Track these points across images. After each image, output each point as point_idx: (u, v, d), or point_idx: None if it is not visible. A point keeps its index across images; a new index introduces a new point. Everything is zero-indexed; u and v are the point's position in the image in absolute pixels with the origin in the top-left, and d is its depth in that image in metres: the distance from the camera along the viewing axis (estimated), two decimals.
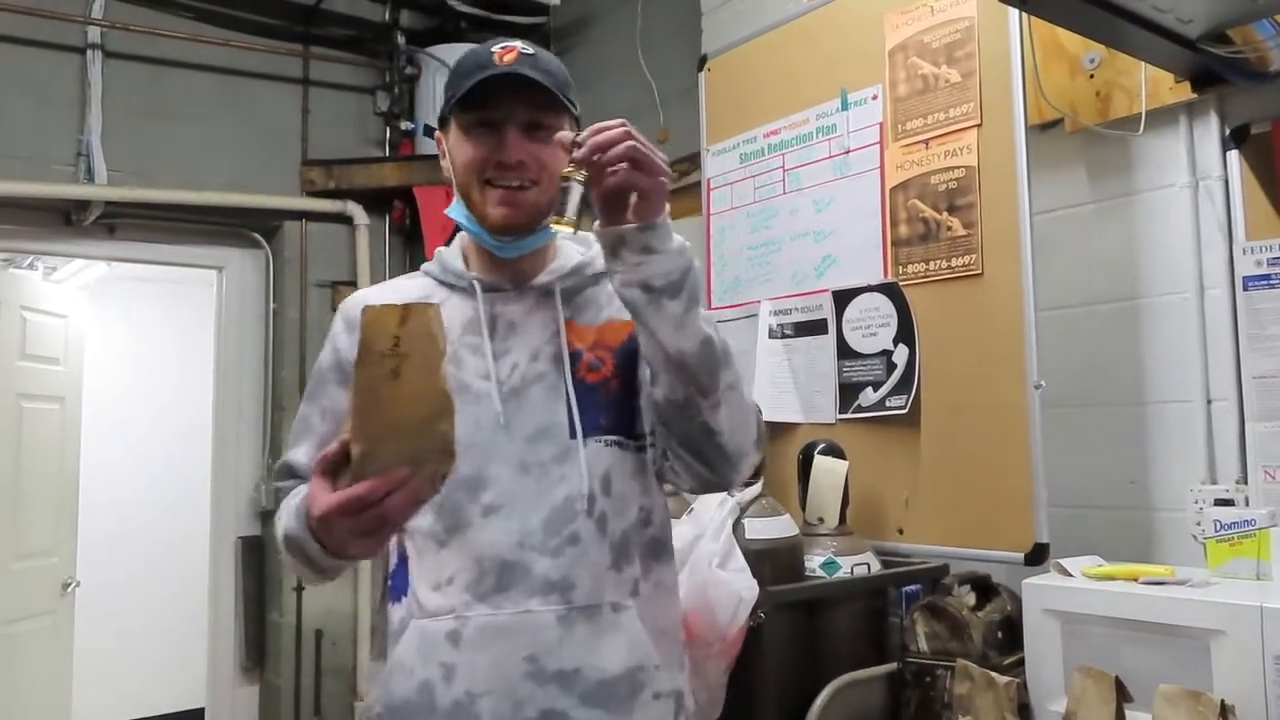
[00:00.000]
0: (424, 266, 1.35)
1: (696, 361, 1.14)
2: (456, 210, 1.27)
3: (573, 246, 1.33)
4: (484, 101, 1.19)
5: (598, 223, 1.10)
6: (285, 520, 1.17)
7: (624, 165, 1.06)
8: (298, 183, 3.66)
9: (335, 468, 0.97)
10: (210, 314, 3.77)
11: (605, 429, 1.20)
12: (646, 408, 1.23)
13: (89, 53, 3.32)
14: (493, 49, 1.21)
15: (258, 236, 3.70)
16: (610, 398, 1.23)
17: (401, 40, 3.73)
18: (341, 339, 1.30)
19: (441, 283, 1.30)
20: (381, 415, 0.91)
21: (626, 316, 1.18)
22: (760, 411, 1.29)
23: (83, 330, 4.15)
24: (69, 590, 3.94)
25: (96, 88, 3.31)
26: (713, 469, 1.20)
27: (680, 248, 1.14)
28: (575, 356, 1.23)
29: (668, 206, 1.12)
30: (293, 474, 1.29)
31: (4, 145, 3.16)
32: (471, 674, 1.14)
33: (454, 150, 1.25)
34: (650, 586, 1.23)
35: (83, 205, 3.29)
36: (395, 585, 1.22)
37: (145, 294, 5.41)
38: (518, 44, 1.22)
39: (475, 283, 1.26)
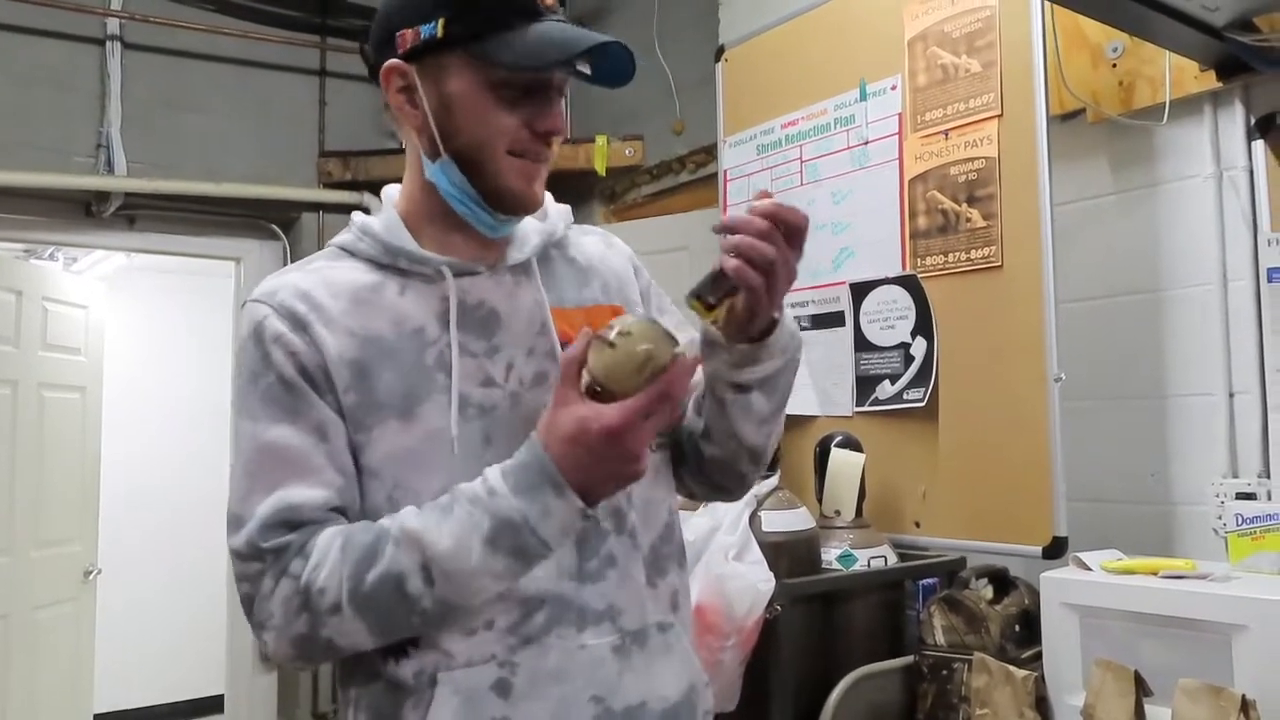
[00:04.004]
0: (343, 242, 1.06)
1: (763, 450, 1.10)
2: (442, 177, 1.01)
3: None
4: (534, 60, 0.95)
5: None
6: (444, 532, 0.89)
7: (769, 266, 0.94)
8: (315, 174, 3.67)
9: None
10: (228, 304, 3.79)
11: None
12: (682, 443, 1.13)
13: (109, 44, 3.34)
14: None
15: (275, 228, 3.72)
16: None
17: None
18: (292, 341, 0.97)
19: (385, 267, 1.03)
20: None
21: (607, 300, 1.11)
22: None
23: (103, 320, 4.18)
24: (90, 578, 3.98)
25: (116, 80, 3.33)
26: (731, 495, 1.20)
27: (791, 342, 1.05)
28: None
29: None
30: (300, 520, 0.93)
31: (25, 137, 3.18)
32: None
33: (465, 104, 0.98)
34: (685, 598, 1.13)
35: (103, 196, 3.31)
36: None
37: (164, 284, 5.45)
38: None
39: (444, 268, 1.02)
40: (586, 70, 0.99)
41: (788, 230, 0.95)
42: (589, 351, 0.89)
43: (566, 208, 1.16)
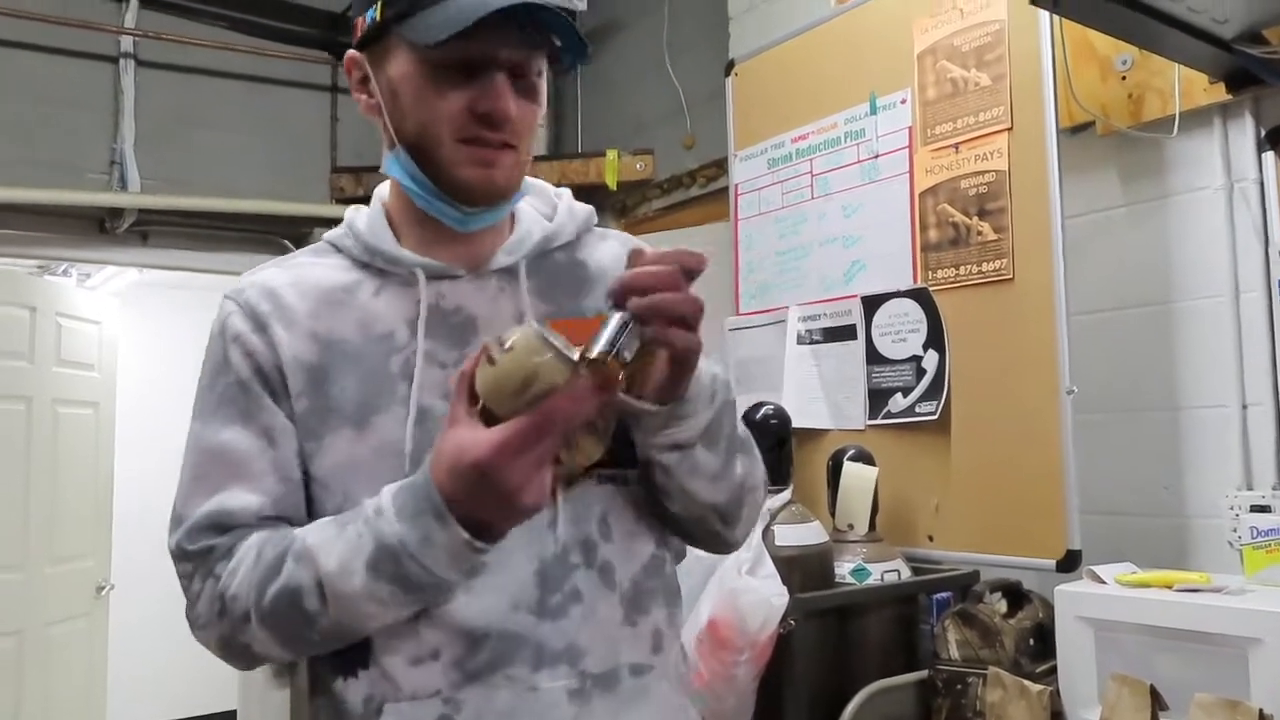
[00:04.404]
0: (332, 237, 1.03)
1: (728, 506, 0.99)
2: (397, 168, 0.97)
3: (531, 210, 1.05)
4: (466, 33, 0.86)
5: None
6: (334, 551, 0.84)
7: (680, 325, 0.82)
8: (327, 190, 3.69)
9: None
10: None
11: (596, 462, 0.89)
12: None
13: (122, 62, 3.37)
14: None
15: (287, 243, 3.73)
16: None
17: None
18: (250, 341, 0.95)
19: (365, 266, 0.98)
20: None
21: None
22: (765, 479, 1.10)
23: (116, 336, 4.20)
24: (103, 593, 3.99)
25: (129, 97, 3.36)
26: (717, 552, 1.09)
27: (712, 388, 0.93)
28: None
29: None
30: (230, 524, 0.90)
31: (40, 154, 3.21)
32: None
33: (405, 89, 0.92)
34: (673, 639, 1.02)
35: (116, 213, 3.34)
36: (346, 654, 0.91)
37: (176, 300, 5.47)
38: None
39: (419, 270, 0.96)
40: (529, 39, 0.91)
41: (689, 276, 0.83)
42: (473, 377, 0.79)
43: (587, 209, 1.08)
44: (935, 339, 1.96)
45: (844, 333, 2.14)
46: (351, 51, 0.98)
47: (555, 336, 0.78)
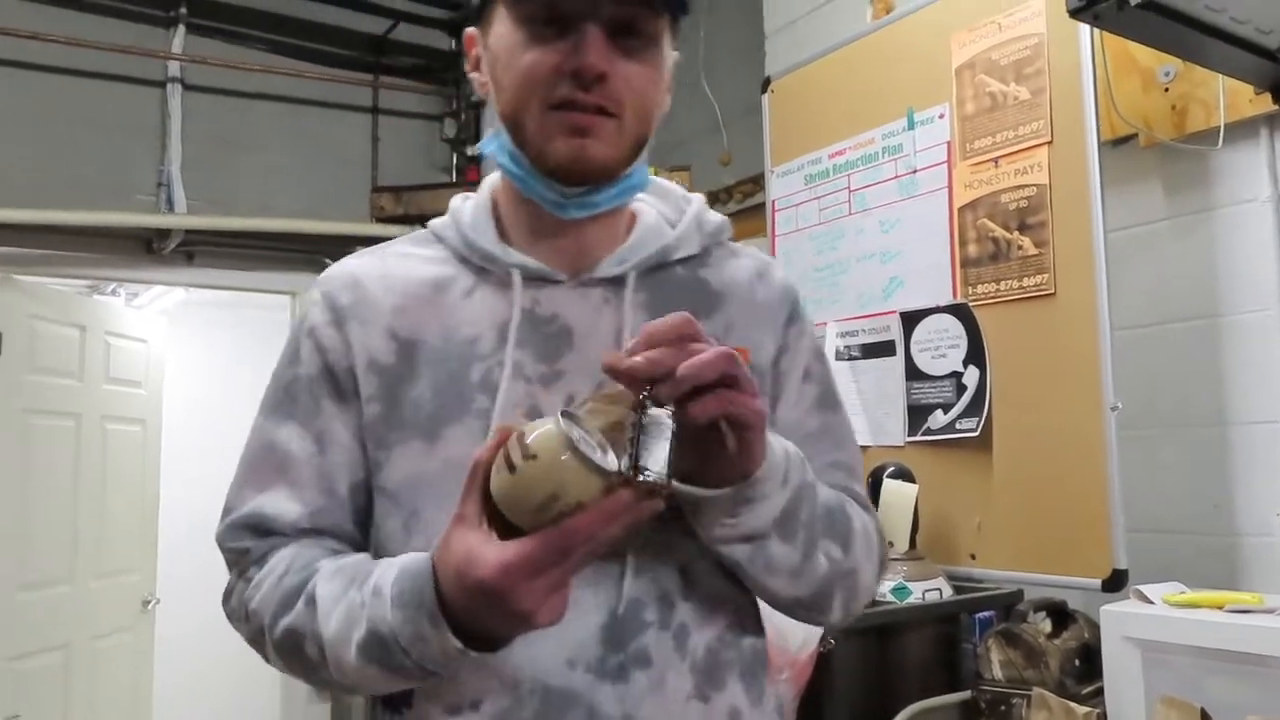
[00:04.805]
0: (436, 227, 0.94)
1: (815, 599, 0.85)
2: (495, 144, 0.88)
3: (652, 210, 0.95)
4: None
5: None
6: (334, 610, 0.77)
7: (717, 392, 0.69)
8: (368, 209, 3.74)
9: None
10: (283, 337, 3.86)
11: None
12: None
13: (169, 86, 3.45)
14: None
15: (329, 262, 3.76)
16: None
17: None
18: (325, 336, 0.89)
19: (463, 261, 0.90)
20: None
21: (727, 339, 0.86)
22: (882, 538, 0.95)
23: (162, 354, 4.28)
24: (149, 608, 4.05)
25: (176, 120, 3.44)
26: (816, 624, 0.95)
27: (785, 467, 0.78)
28: None
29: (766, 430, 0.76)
30: (267, 530, 0.87)
31: (90, 177, 3.29)
32: None
33: (500, 53, 0.84)
34: (760, 716, 0.88)
35: (163, 234, 3.41)
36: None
37: (221, 318, 5.56)
38: None
39: (514, 271, 0.87)
40: None
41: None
42: (492, 465, 0.68)
43: (719, 220, 0.97)
44: (976, 355, 1.94)
45: (883, 349, 2.13)
46: (469, 29, 0.90)
47: (590, 435, 0.66)
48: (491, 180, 0.94)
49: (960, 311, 1.98)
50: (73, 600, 3.61)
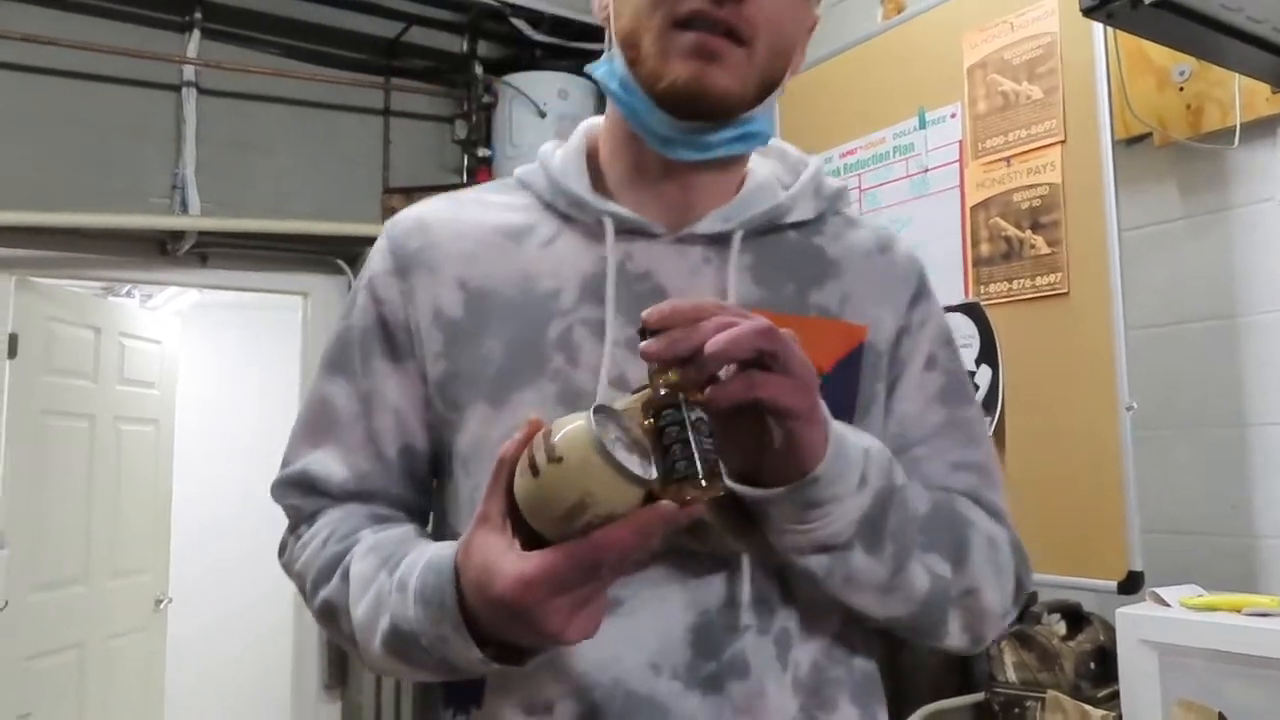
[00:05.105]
0: (520, 172, 0.84)
1: (915, 621, 0.76)
2: (605, 68, 0.78)
3: (768, 171, 0.84)
4: None
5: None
6: (364, 594, 0.72)
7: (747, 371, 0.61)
8: (380, 210, 3.75)
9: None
10: (295, 338, 3.88)
11: None
12: None
13: (183, 90, 3.46)
14: None
15: (341, 263, 3.80)
16: None
17: (479, 70, 3.81)
18: (385, 287, 0.81)
19: (549, 207, 0.81)
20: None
21: (841, 314, 0.79)
22: (1023, 554, 0.88)
23: (176, 355, 4.30)
24: (161, 607, 4.07)
25: (191, 123, 3.45)
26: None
27: (862, 467, 0.67)
28: None
29: (828, 418, 0.66)
30: (314, 490, 0.81)
31: (105, 180, 3.30)
32: None
33: None
34: None
35: (177, 235, 3.42)
36: (454, 686, 0.77)
37: (234, 319, 5.59)
38: None
39: (606, 219, 0.77)
40: None
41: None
42: (516, 469, 0.60)
43: (838, 185, 0.86)
44: (988, 354, 1.93)
45: None
46: None
47: (626, 435, 0.57)
48: (589, 124, 0.85)
49: (972, 311, 1.96)
50: (86, 600, 3.62)
